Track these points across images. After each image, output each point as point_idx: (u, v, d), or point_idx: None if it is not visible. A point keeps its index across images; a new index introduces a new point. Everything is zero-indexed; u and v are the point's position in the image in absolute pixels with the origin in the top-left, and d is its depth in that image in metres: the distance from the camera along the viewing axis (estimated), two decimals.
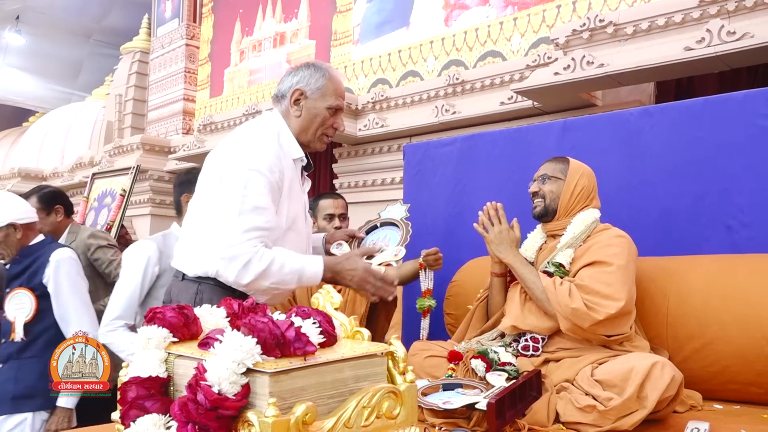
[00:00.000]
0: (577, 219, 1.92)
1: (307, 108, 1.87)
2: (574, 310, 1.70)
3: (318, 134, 1.90)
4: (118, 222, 4.63)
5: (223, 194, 1.72)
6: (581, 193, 1.95)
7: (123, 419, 1.06)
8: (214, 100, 8.20)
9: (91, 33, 11.93)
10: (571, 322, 1.72)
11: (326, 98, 1.88)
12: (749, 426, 1.58)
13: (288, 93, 1.88)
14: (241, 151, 1.77)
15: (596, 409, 1.50)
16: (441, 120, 5.08)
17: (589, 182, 1.97)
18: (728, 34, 3.41)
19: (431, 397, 1.58)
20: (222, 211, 1.71)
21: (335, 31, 6.56)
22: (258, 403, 0.94)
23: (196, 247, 1.79)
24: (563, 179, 1.96)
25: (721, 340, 1.82)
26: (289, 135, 1.86)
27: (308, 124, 1.88)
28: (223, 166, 1.77)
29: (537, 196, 1.99)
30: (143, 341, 1.10)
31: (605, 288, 1.71)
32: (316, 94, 1.87)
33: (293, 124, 1.88)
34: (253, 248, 1.66)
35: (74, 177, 9.30)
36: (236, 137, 1.86)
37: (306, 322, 1.04)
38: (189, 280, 1.78)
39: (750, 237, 2.05)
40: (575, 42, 4.11)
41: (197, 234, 1.80)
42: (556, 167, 1.99)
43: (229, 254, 1.66)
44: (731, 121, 2.12)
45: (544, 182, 1.98)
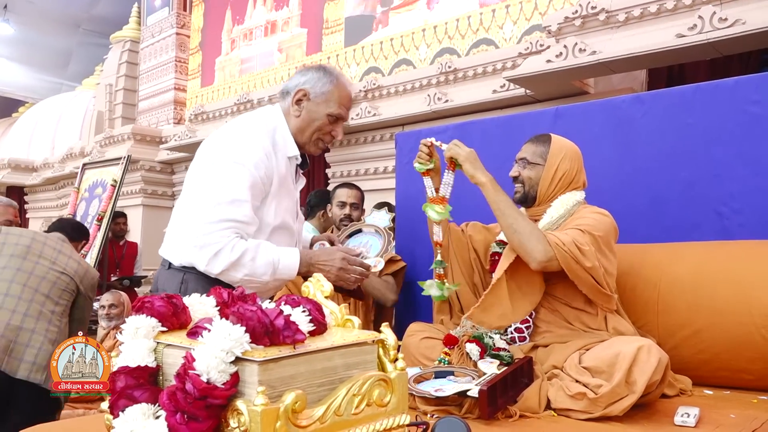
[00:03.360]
0: (557, 203, 1.86)
1: (307, 110, 1.86)
2: (564, 243, 1.68)
3: (313, 138, 1.89)
4: (110, 213, 4.61)
5: (205, 184, 1.74)
6: (562, 178, 1.88)
7: (112, 409, 1.06)
8: (206, 89, 8.14)
9: (80, 22, 11.80)
10: (566, 256, 1.68)
11: (328, 104, 1.87)
12: (739, 411, 1.59)
13: (293, 91, 1.87)
14: (230, 144, 1.78)
15: (586, 397, 1.50)
16: (434, 108, 5.06)
17: (571, 165, 1.89)
18: (720, 20, 3.41)
19: (423, 385, 1.59)
20: (201, 201, 1.72)
21: (327, 19, 6.51)
22: (247, 392, 0.94)
23: (182, 236, 1.79)
24: (543, 165, 1.89)
25: (711, 327, 1.82)
26: (286, 132, 1.86)
27: (305, 126, 1.87)
28: (211, 157, 1.78)
29: (517, 181, 1.93)
30: (131, 330, 1.09)
31: (586, 245, 1.70)
32: (319, 98, 1.86)
33: (291, 123, 1.88)
34: (225, 238, 1.67)
35: (65, 168, 9.24)
36: (230, 129, 1.86)
37: (295, 311, 1.04)
38: (175, 269, 1.78)
39: (741, 223, 2.05)
40: (567, 29, 4.10)
41: (184, 223, 1.80)
42: (536, 150, 1.91)
43: (200, 242, 1.67)
44: (722, 107, 2.12)
45: (524, 167, 1.91)
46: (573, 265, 1.70)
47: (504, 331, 1.82)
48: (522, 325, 1.82)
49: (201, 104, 7.49)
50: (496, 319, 1.78)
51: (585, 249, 1.69)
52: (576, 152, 1.93)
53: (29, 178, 10.27)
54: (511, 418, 1.51)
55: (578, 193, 1.89)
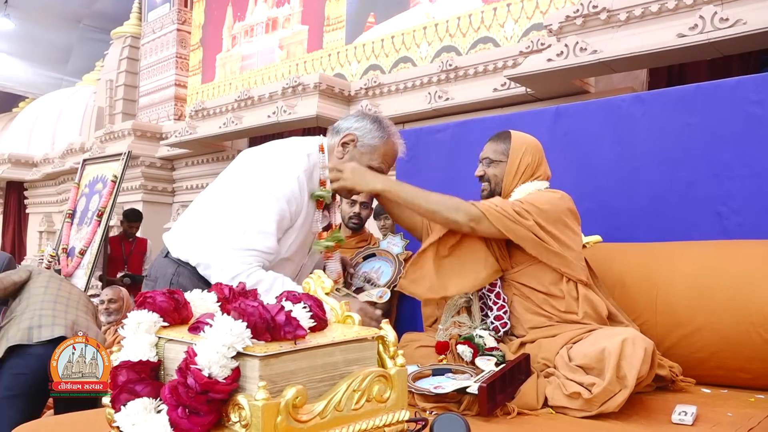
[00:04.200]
0: (516, 192, 1.88)
1: (351, 155, 1.86)
2: (497, 205, 1.71)
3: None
4: (109, 208, 4.61)
5: (237, 206, 1.76)
6: (525, 171, 1.90)
7: (114, 403, 1.06)
8: (206, 86, 8.14)
9: (81, 18, 11.80)
10: (499, 216, 1.70)
11: (372, 157, 1.87)
12: (736, 409, 1.59)
13: (342, 132, 1.87)
14: (268, 172, 1.79)
15: (582, 396, 1.51)
16: (434, 106, 5.06)
17: (533, 158, 1.90)
18: (721, 20, 3.41)
19: (422, 382, 1.59)
20: (230, 224, 1.74)
21: (328, 16, 6.51)
22: (248, 387, 0.95)
23: (191, 233, 1.82)
24: (505, 161, 1.90)
25: (709, 326, 1.83)
26: (326, 171, 1.85)
27: None
28: (249, 180, 1.80)
29: (483, 179, 1.95)
30: (133, 325, 1.10)
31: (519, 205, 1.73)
32: (366, 148, 1.86)
33: (332, 162, 1.87)
34: (246, 265, 1.69)
35: (65, 163, 9.25)
36: (273, 153, 1.88)
37: (296, 307, 1.05)
38: (171, 258, 1.81)
39: (740, 223, 2.06)
40: (568, 28, 4.10)
41: (198, 222, 1.83)
42: (497, 148, 1.93)
43: (221, 264, 1.70)
44: (723, 107, 2.13)
45: (488, 165, 1.93)
46: (509, 224, 1.72)
47: (484, 322, 1.82)
48: (500, 311, 1.82)
49: (201, 100, 7.49)
50: (425, 291, 1.81)
51: (522, 211, 1.72)
52: (536, 145, 1.95)
53: (29, 173, 10.28)
54: (510, 415, 1.51)
55: (540, 183, 1.90)
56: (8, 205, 11.11)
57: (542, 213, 1.75)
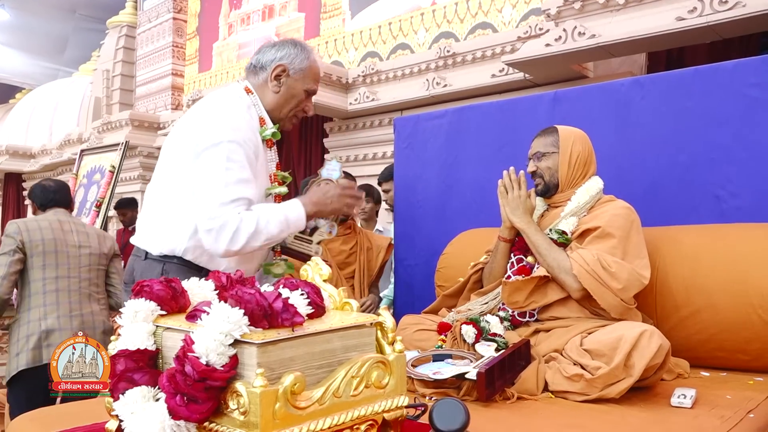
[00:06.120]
0: (582, 190, 1.90)
1: (287, 85, 1.85)
2: (595, 272, 1.70)
3: (290, 114, 1.89)
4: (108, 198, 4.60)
5: (203, 168, 1.69)
6: (578, 161, 1.92)
7: (112, 392, 1.06)
8: (203, 75, 8.10)
9: (76, 7, 11.70)
10: (594, 282, 1.70)
11: (306, 80, 1.87)
12: (735, 392, 1.60)
13: (270, 67, 1.85)
14: (217, 124, 1.73)
15: (583, 378, 1.51)
16: (432, 93, 5.04)
17: (583, 147, 1.94)
18: (720, 3, 3.38)
19: (421, 368, 1.60)
20: (204, 185, 1.68)
21: (324, 3, 6.46)
22: (246, 374, 0.95)
23: (162, 224, 1.76)
24: (557, 152, 1.93)
25: (708, 309, 1.83)
26: (261, 108, 1.84)
27: (284, 102, 1.86)
28: (197, 139, 1.73)
29: (535, 175, 1.96)
30: (131, 314, 1.10)
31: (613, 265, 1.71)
32: (298, 74, 1.86)
33: (268, 99, 1.85)
34: (237, 215, 1.66)
35: (63, 154, 9.22)
36: (206, 109, 1.81)
37: (294, 294, 1.04)
38: (153, 258, 1.76)
39: (738, 206, 2.06)
40: (567, 13, 4.07)
41: (163, 211, 1.77)
42: (546, 141, 1.96)
43: (217, 225, 1.65)
44: (721, 90, 2.12)
45: (540, 159, 1.95)
46: (599, 289, 1.70)
47: (500, 308, 1.84)
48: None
49: (198, 89, 7.46)
50: (523, 301, 1.82)
51: (612, 270, 1.69)
52: (584, 135, 1.98)
53: (27, 164, 10.25)
54: (509, 401, 1.52)
55: (598, 180, 1.94)
56: (7, 197, 11.10)
57: (627, 242, 1.76)
